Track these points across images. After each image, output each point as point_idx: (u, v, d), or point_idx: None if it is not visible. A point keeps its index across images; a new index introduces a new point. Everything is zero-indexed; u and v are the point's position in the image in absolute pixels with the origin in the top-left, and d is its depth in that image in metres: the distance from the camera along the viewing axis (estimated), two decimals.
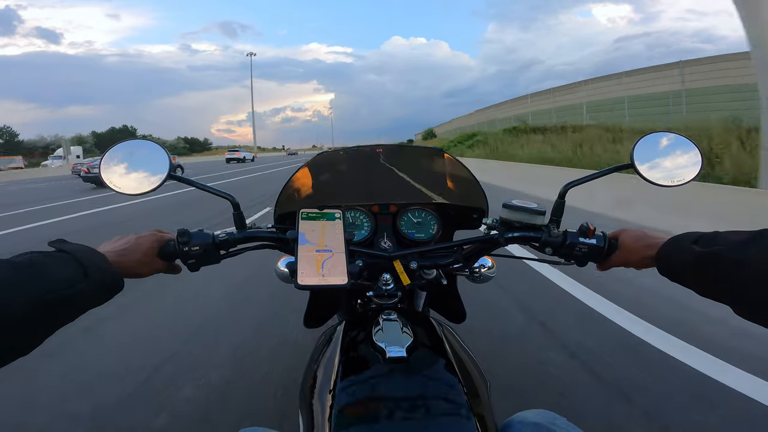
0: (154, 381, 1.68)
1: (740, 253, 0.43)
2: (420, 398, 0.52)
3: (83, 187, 11.88)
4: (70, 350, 1.94)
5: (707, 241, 0.49)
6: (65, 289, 0.42)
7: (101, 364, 1.88)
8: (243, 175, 15.92)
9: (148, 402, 1.54)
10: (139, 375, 1.72)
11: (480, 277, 0.90)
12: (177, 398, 1.56)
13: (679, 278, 0.52)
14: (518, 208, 0.69)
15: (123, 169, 0.64)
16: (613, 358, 1.74)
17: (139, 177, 0.63)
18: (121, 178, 0.63)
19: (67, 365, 1.83)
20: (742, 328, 1.76)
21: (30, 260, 0.42)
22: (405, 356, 0.56)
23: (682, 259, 0.51)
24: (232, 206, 0.67)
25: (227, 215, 0.77)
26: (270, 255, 0.78)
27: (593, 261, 0.66)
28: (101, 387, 1.67)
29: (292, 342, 1.94)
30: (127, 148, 0.65)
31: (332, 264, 0.57)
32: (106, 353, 1.97)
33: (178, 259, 0.64)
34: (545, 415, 0.61)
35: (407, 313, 0.73)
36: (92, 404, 1.55)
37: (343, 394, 0.53)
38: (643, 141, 0.66)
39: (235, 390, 1.60)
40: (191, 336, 2.12)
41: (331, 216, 0.64)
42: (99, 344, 2.05)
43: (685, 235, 0.53)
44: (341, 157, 0.91)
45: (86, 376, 1.76)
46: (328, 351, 0.65)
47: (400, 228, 0.90)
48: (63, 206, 7.83)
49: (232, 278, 2.93)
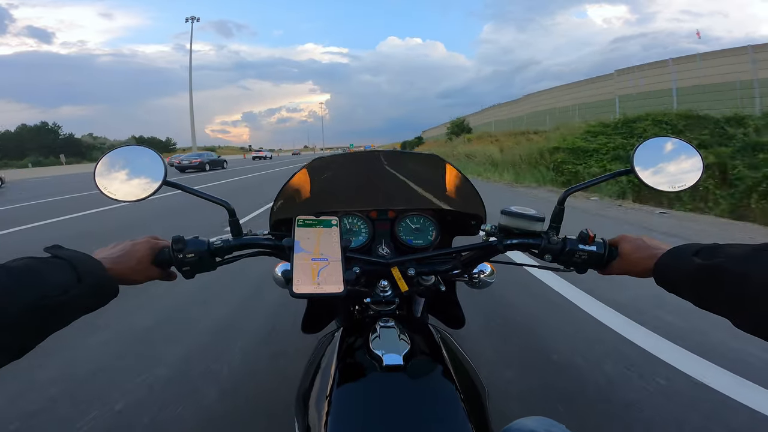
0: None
1: (742, 266, 0.43)
2: (416, 406, 0.51)
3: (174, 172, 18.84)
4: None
5: (708, 253, 0.48)
6: (60, 294, 0.43)
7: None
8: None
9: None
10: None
11: (479, 283, 0.89)
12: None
13: (677, 289, 0.52)
14: (517, 214, 0.68)
15: (118, 175, 0.64)
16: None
17: (133, 183, 0.63)
18: (115, 184, 0.63)
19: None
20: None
21: (25, 266, 0.43)
22: (401, 364, 0.56)
23: (681, 271, 0.50)
24: (228, 213, 0.67)
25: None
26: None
27: (593, 268, 0.66)
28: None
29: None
30: (122, 155, 0.65)
31: (328, 272, 0.56)
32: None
33: (173, 267, 0.64)
34: (544, 422, 0.60)
35: (405, 319, 0.72)
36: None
37: (338, 401, 0.53)
38: (643, 146, 0.66)
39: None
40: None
41: (328, 223, 0.63)
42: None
43: (685, 246, 0.53)
44: (338, 162, 0.90)
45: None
46: (325, 358, 0.65)
47: (398, 234, 0.89)
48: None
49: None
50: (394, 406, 0.51)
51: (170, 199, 7.15)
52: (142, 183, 0.63)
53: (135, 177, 0.63)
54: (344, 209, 0.91)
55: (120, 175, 0.63)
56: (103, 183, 0.63)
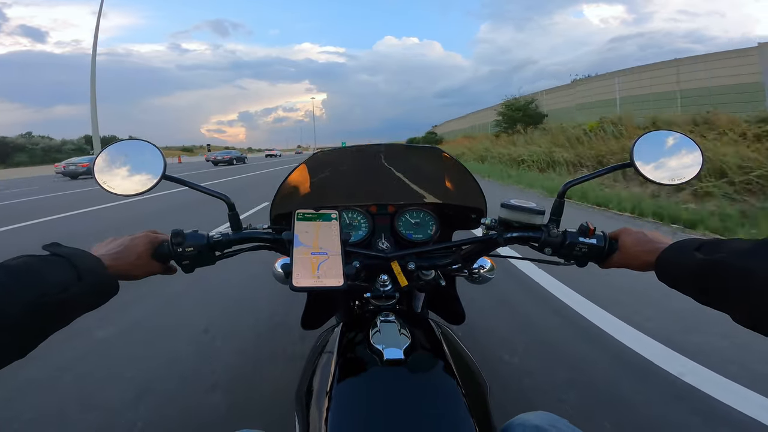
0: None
1: (745, 262, 0.42)
2: (417, 401, 0.51)
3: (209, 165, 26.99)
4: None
5: (710, 248, 0.48)
6: (59, 292, 0.42)
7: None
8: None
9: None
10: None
11: (479, 277, 0.89)
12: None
13: (678, 285, 0.52)
14: (517, 207, 0.68)
15: (117, 169, 0.63)
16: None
17: (133, 177, 0.63)
18: (114, 178, 0.63)
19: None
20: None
21: (24, 264, 0.42)
22: (402, 358, 0.56)
23: (683, 266, 0.50)
24: (227, 207, 0.67)
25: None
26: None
27: (593, 261, 0.66)
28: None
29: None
30: (121, 149, 0.64)
31: (328, 266, 0.56)
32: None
33: (172, 261, 0.63)
34: (546, 417, 0.60)
35: (405, 314, 0.72)
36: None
37: (339, 396, 0.53)
38: (643, 139, 0.65)
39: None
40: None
41: (328, 217, 0.63)
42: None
43: (686, 241, 0.52)
44: (339, 156, 0.90)
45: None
46: (325, 353, 0.65)
47: (398, 228, 0.89)
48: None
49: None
50: (395, 400, 0.51)
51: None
52: (142, 178, 0.62)
53: (135, 172, 0.63)
54: (344, 204, 0.91)
55: (120, 170, 0.63)
56: (102, 178, 0.62)
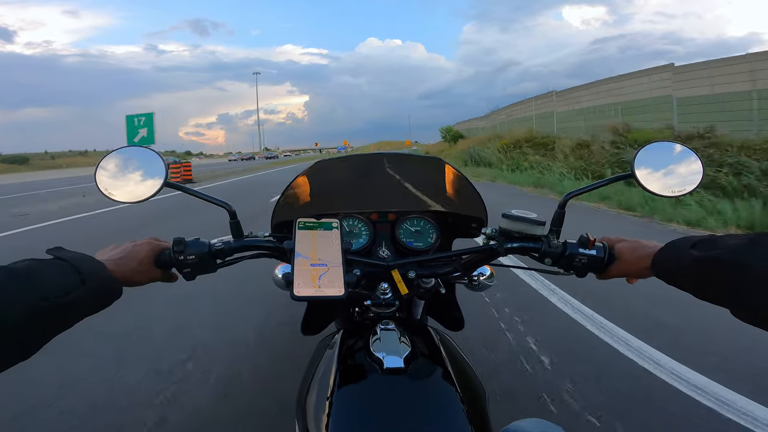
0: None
1: (741, 256, 0.43)
2: (417, 409, 0.52)
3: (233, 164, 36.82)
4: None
5: (706, 245, 0.48)
6: (62, 296, 0.43)
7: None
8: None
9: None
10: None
11: (479, 285, 0.89)
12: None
13: (675, 281, 0.52)
14: (518, 218, 0.68)
15: (119, 176, 0.64)
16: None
17: (135, 184, 0.63)
18: (116, 185, 0.63)
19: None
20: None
21: (28, 267, 0.43)
22: (402, 367, 0.56)
23: (679, 263, 0.51)
24: (229, 215, 0.67)
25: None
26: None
27: (593, 272, 0.66)
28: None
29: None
30: (123, 155, 0.65)
31: (329, 277, 0.56)
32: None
33: (173, 268, 0.64)
34: (541, 424, 0.61)
35: (405, 322, 0.72)
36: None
37: (339, 404, 0.53)
38: (644, 151, 0.65)
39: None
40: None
41: (329, 225, 0.63)
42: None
43: (682, 239, 0.53)
44: (340, 164, 0.90)
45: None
46: (326, 360, 0.65)
47: (399, 237, 0.89)
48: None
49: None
50: (395, 408, 0.51)
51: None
52: (144, 184, 0.63)
53: (137, 178, 0.63)
54: (345, 211, 0.91)
55: (121, 176, 0.63)
56: (104, 184, 0.62)
